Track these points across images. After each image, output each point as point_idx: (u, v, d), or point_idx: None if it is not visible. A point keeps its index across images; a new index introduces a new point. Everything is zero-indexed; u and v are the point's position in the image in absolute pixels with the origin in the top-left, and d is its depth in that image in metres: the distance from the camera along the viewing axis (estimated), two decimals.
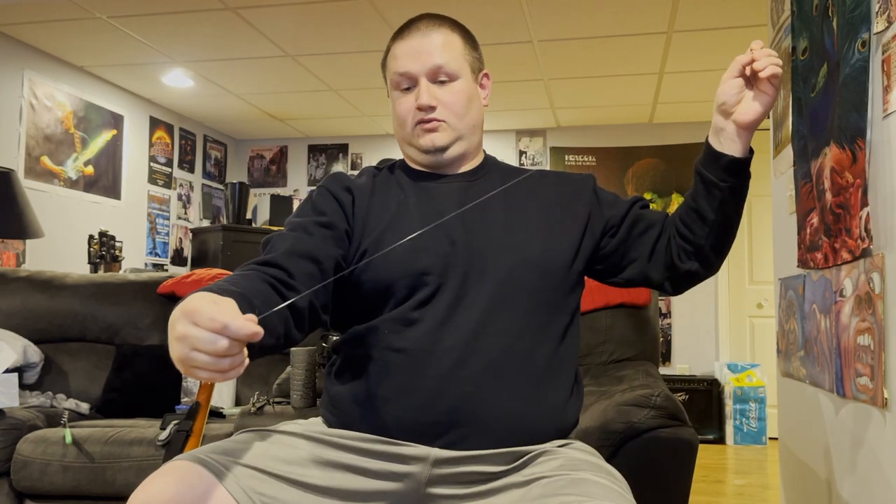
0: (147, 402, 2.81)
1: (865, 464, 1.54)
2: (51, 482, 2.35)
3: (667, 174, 5.85)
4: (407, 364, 1.20)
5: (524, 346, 1.23)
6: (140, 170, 5.32)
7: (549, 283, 1.27)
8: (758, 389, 5.29)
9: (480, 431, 1.18)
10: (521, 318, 1.23)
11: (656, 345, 2.60)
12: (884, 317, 1.38)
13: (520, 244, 1.27)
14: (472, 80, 1.36)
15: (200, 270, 3.27)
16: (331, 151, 6.47)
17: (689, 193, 1.32)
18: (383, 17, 3.81)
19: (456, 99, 1.31)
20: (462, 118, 1.33)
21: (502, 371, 1.20)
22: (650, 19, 3.88)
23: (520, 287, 1.24)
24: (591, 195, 1.38)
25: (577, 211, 1.35)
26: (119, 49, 4.38)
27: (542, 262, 1.27)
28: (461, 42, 1.35)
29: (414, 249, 1.22)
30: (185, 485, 1.02)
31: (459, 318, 1.21)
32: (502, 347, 1.21)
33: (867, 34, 1.44)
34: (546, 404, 1.24)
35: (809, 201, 1.85)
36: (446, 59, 1.31)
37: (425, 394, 1.18)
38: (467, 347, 1.19)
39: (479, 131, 1.39)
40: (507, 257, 1.25)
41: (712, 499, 3.77)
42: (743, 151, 1.25)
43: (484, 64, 1.41)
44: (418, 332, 1.20)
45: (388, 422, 1.19)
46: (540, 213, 1.33)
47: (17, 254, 4.19)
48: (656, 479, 1.74)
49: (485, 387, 1.18)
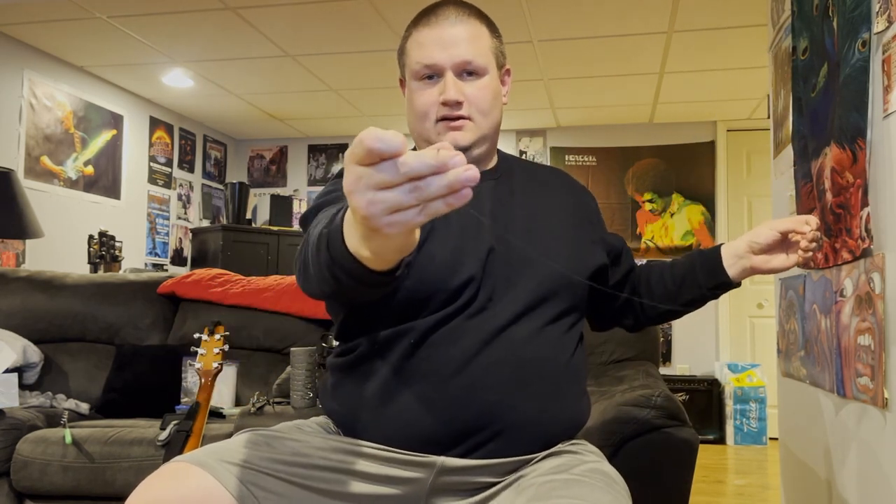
0: (147, 402, 2.81)
1: (865, 464, 1.54)
2: (51, 482, 2.35)
3: (667, 174, 5.85)
4: (432, 371, 1.16)
5: (547, 355, 1.22)
6: (140, 170, 5.32)
7: (572, 294, 1.27)
8: (758, 389, 5.29)
9: (500, 439, 1.16)
10: (544, 327, 1.22)
11: (656, 345, 2.59)
12: (884, 317, 1.38)
13: (549, 254, 1.25)
14: (497, 76, 1.30)
15: (200, 270, 3.27)
16: (331, 151, 6.47)
17: (671, 272, 1.38)
18: (383, 17, 3.81)
19: (483, 95, 1.25)
20: (487, 116, 1.26)
21: (526, 379, 1.18)
22: (650, 19, 3.88)
23: (545, 298, 1.23)
24: (599, 215, 1.42)
25: (596, 226, 1.39)
26: (119, 49, 4.38)
27: (568, 275, 1.26)
28: (489, 35, 1.29)
29: (458, 255, 1.19)
30: (185, 487, 1.01)
31: (488, 325, 1.18)
32: (528, 357, 1.19)
33: (867, 34, 1.44)
34: (566, 410, 1.24)
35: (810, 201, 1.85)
36: (475, 52, 1.24)
37: (450, 402, 1.15)
38: (493, 355, 1.17)
39: (498, 130, 1.33)
40: (537, 268, 1.24)
41: (712, 499, 3.77)
42: (738, 280, 1.34)
43: (506, 57, 1.34)
44: (445, 340, 1.17)
45: (405, 428, 1.16)
46: (561, 218, 1.33)
47: (17, 254, 4.19)
48: (656, 479, 1.74)
49: (508, 395, 1.16)
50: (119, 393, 2.85)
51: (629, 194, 5.90)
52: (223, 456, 1.08)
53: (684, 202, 5.81)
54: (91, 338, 3.09)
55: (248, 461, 1.08)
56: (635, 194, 5.88)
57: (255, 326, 3.02)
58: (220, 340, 2.23)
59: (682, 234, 5.79)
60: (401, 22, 3.82)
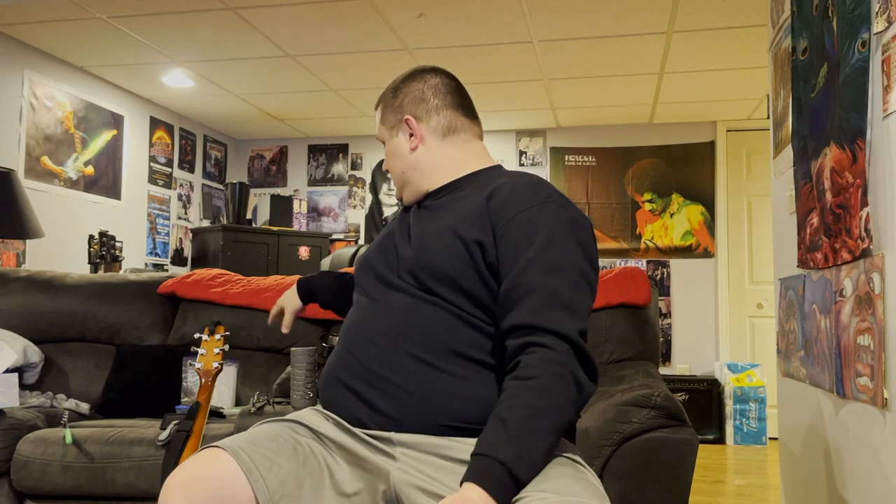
0: (147, 402, 2.81)
1: (865, 464, 1.54)
2: (51, 482, 2.35)
3: (667, 174, 5.85)
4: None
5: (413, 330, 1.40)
6: (140, 170, 5.32)
7: (435, 278, 1.41)
8: (758, 389, 5.29)
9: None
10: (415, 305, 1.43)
11: (656, 345, 2.59)
12: (884, 317, 1.38)
13: (421, 248, 1.42)
14: (393, 135, 1.51)
15: (200, 270, 3.27)
16: (331, 151, 6.47)
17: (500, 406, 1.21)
18: (383, 17, 3.81)
19: (387, 159, 1.54)
20: (393, 171, 1.53)
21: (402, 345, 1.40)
22: (650, 19, 3.88)
23: (417, 284, 1.42)
24: (497, 221, 1.34)
25: (480, 228, 1.34)
26: (119, 49, 4.38)
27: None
28: (381, 109, 1.54)
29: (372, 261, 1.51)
30: (217, 465, 1.17)
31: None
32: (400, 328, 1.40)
33: (867, 34, 1.44)
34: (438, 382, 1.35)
35: (809, 201, 1.85)
36: (377, 131, 1.56)
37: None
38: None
39: (419, 167, 1.49)
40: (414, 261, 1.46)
41: (712, 499, 3.77)
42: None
43: (404, 110, 1.51)
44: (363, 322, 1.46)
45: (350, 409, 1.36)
46: (448, 221, 1.39)
47: (17, 254, 4.19)
48: (656, 479, 1.74)
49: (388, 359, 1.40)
50: (119, 393, 2.85)
51: (629, 194, 5.90)
52: (250, 443, 1.22)
53: (684, 202, 5.81)
54: (91, 338, 3.09)
55: (270, 449, 1.22)
56: (635, 194, 5.88)
57: (255, 326, 3.03)
58: (220, 340, 2.23)
59: (682, 234, 5.79)
60: (400, 22, 3.83)
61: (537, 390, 1.15)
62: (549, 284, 1.22)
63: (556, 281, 1.23)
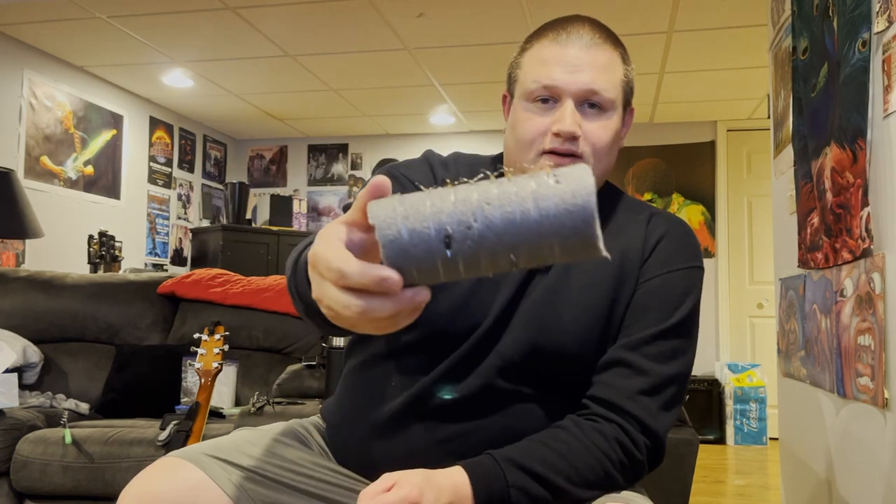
0: (147, 402, 2.81)
1: (865, 464, 1.54)
2: (51, 482, 2.35)
3: (667, 174, 5.85)
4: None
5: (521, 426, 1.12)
6: (140, 170, 5.32)
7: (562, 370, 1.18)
8: (758, 389, 5.29)
9: None
10: (522, 399, 1.16)
11: None
12: (884, 317, 1.38)
13: (558, 332, 1.13)
14: (621, 115, 1.15)
15: (200, 270, 3.27)
16: (331, 151, 6.47)
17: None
18: (383, 17, 3.81)
19: (603, 135, 1.09)
20: (601, 160, 1.10)
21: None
22: (650, 19, 3.88)
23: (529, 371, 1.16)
24: (645, 265, 1.18)
25: (626, 283, 1.15)
26: (119, 49, 4.38)
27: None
28: (622, 66, 1.14)
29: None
30: (176, 480, 1.00)
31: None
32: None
33: (867, 34, 1.44)
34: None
35: (810, 201, 1.85)
36: (604, 83, 1.08)
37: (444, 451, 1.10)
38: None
39: (605, 178, 1.17)
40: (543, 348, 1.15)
41: (712, 499, 3.76)
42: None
43: (634, 94, 1.19)
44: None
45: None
46: (592, 285, 1.13)
47: (17, 254, 4.19)
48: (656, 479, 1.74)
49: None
50: (119, 393, 2.85)
51: (629, 194, 5.90)
52: (216, 452, 1.06)
53: (684, 202, 5.81)
54: (91, 338, 3.09)
55: (240, 459, 1.06)
56: (635, 194, 5.88)
57: (255, 326, 3.03)
58: (220, 340, 2.23)
59: None
60: (400, 23, 3.84)
61: (588, 452, 1.00)
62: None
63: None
